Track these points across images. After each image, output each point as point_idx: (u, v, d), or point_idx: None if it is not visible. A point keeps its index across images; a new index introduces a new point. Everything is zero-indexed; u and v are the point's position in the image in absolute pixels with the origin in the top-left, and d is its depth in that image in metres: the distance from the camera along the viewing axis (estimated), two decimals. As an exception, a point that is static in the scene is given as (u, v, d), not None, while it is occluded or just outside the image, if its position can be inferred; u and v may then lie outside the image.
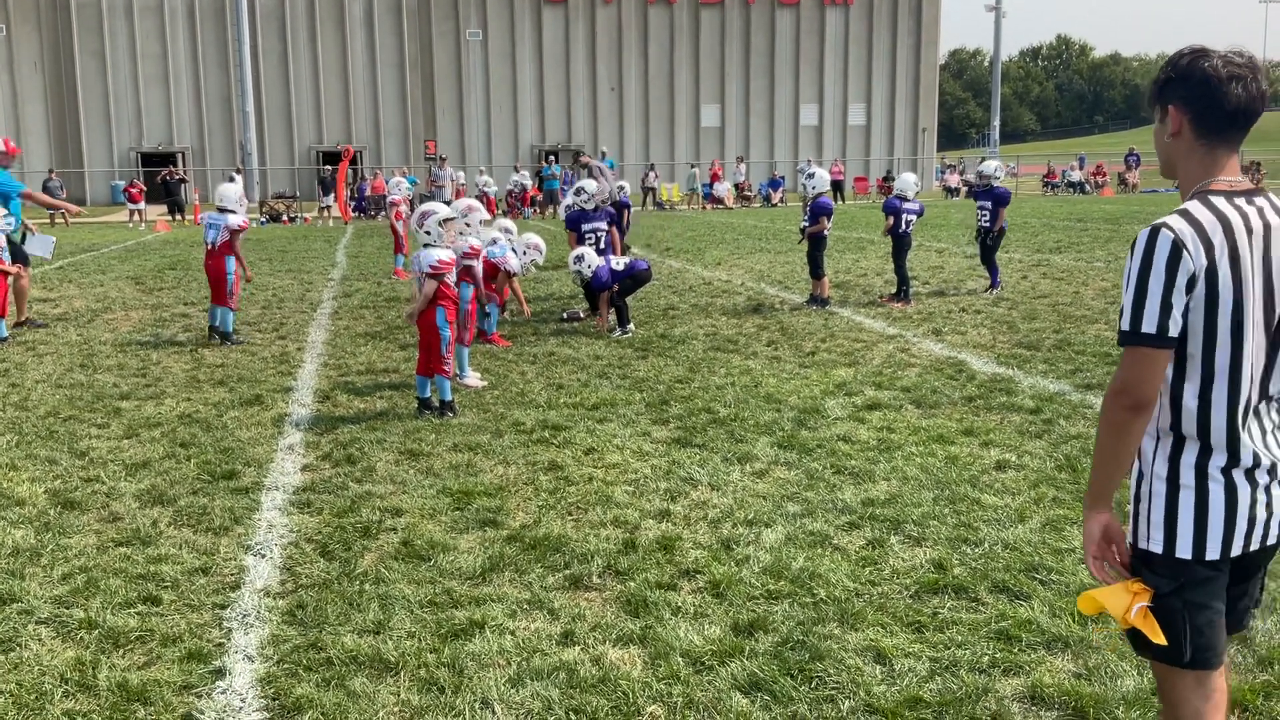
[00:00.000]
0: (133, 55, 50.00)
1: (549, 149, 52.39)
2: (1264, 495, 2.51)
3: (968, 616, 4.37)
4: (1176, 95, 2.51)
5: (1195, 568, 2.50)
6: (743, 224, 30.27)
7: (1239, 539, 2.50)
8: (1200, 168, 2.52)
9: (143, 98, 50.42)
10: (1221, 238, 2.42)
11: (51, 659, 4.09)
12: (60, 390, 8.82)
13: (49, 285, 16.82)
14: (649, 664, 4.02)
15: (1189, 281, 2.40)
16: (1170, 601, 2.51)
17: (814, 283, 13.12)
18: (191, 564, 5.04)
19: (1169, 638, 2.51)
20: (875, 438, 7.04)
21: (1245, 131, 2.51)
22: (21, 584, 4.78)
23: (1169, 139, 2.57)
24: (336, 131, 51.97)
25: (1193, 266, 2.39)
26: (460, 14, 52.77)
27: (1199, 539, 2.49)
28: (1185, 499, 2.50)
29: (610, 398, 8.25)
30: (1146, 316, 2.41)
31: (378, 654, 4.10)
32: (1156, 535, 2.53)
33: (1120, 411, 2.47)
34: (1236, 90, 2.44)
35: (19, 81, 49.35)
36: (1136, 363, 2.44)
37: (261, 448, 7.04)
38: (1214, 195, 2.48)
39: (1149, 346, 2.42)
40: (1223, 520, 2.48)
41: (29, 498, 6.00)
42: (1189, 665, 2.55)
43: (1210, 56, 2.48)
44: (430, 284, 7.62)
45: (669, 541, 5.22)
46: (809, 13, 56.48)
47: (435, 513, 5.71)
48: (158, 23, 50.06)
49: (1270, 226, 2.48)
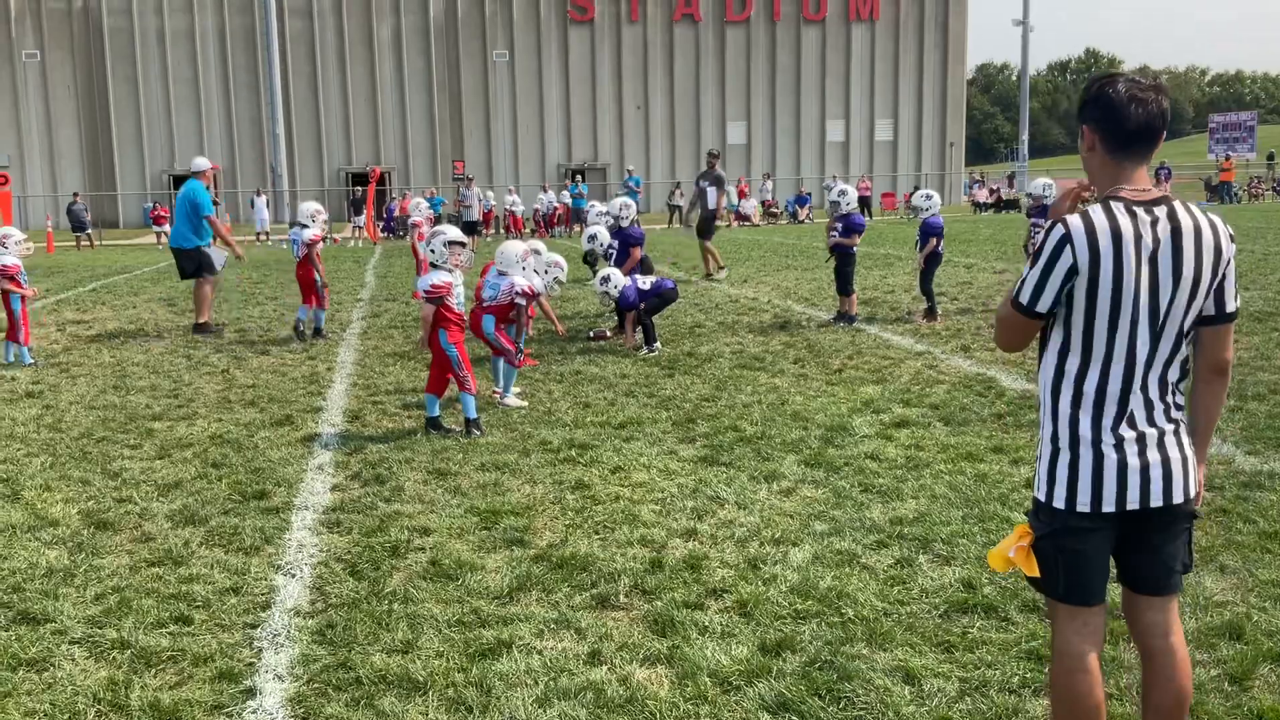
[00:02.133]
0: (165, 79, 50.73)
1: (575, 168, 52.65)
2: (1137, 461, 2.86)
3: (998, 636, 4.34)
4: (1089, 116, 2.89)
5: (1068, 516, 2.91)
6: (769, 241, 30.27)
7: (1109, 496, 2.87)
8: (1110, 179, 2.88)
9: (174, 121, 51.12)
10: (1109, 243, 2.77)
11: (84, 679, 4.13)
12: (94, 411, 8.93)
13: (82, 307, 17.04)
14: (676, 684, 4.02)
15: (1068, 270, 2.79)
16: (1045, 544, 2.97)
17: (842, 299, 13.09)
18: (223, 584, 5.09)
19: (1045, 573, 2.98)
20: (903, 456, 7.01)
21: (1150, 146, 2.86)
22: (55, 604, 4.83)
23: (1086, 153, 2.94)
24: (365, 153, 52.46)
25: (1073, 259, 2.78)
26: (487, 35, 53.24)
27: (1071, 492, 2.90)
28: (1064, 457, 2.91)
29: (637, 416, 8.27)
30: (1025, 289, 2.88)
31: (406, 674, 4.12)
32: (1042, 486, 2.97)
33: (999, 334, 3.05)
34: (1137, 112, 2.79)
35: (53, 105, 50.16)
36: (1011, 321, 2.95)
37: (292, 468, 7.09)
38: (1115, 201, 2.83)
39: (1020, 314, 2.90)
40: (1091, 478, 2.87)
41: (62, 518, 6.07)
42: (1064, 599, 2.99)
43: (1116, 82, 2.83)
44: (427, 308, 7.68)
45: (696, 560, 5.21)
46: (835, 29, 56.59)
47: (463, 532, 5.73)
48: (189, 48, 50.78)
49: (1159, 238, 2.81)
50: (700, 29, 55.43)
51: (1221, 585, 4.80)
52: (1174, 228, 2.80)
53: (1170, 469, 2.88)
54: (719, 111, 56.15)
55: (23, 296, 11.30)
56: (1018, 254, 22.51)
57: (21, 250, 11.51)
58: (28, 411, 8.95)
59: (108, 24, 49.91)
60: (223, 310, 15.95)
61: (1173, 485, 2.89)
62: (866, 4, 56.60)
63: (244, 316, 15.32)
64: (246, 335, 13.39)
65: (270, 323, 14.54)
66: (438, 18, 52.72)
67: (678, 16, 55.06)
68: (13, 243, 11.42)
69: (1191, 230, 2.82)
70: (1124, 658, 4.07)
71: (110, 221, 48.76)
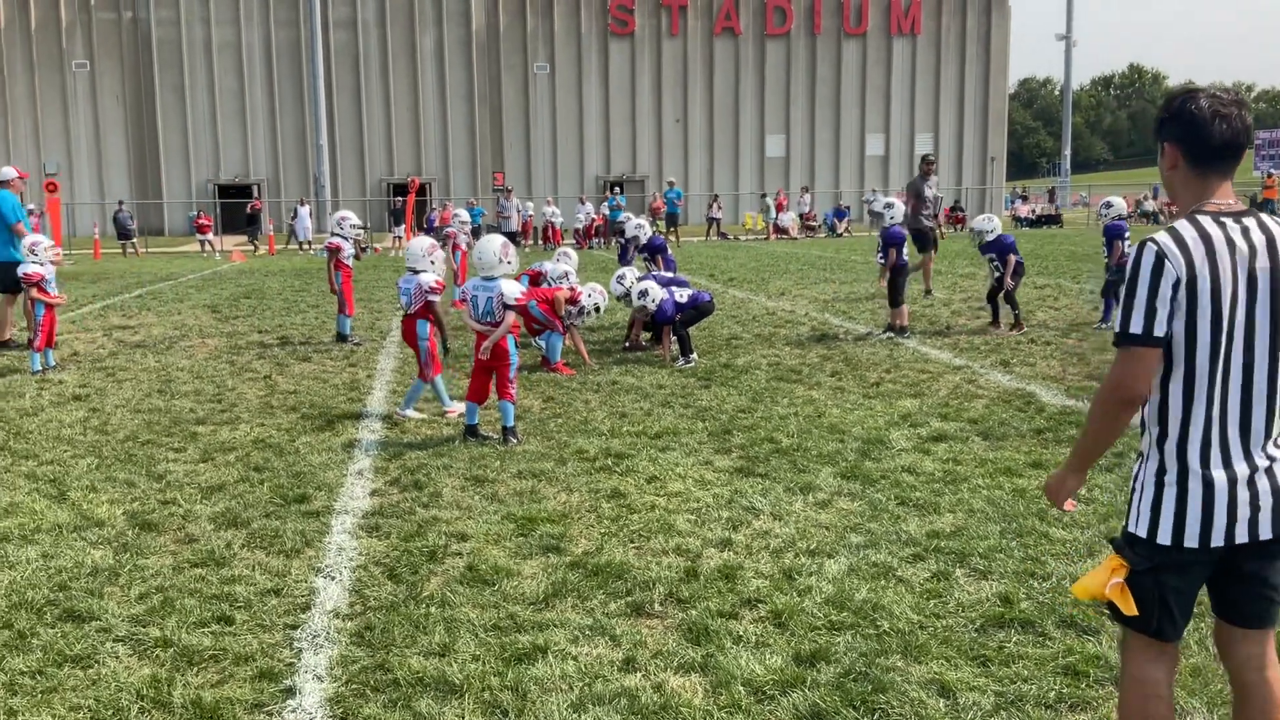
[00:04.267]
0: (211, 90, 51.45)
1: (614, 180, 52.82)
2: (1246, 493, 2.78)
3: (1034, 651, 4.32)
4: (1171, 133, 2.85)
5: (1173, 553, 2.82)
6: (807, 254, 30.21)
7: (1218, 531, 2.78)
8: (1194, 194, 2.84)
9: (220, 131, 51.82)
10: (1202, 252, 2.71)
11: (128, 676, 4.21)
12: (139, 415, 9.08)
13: (128, 313, 17.31)
14: (710, 692, 4.03)
15: (1174, 285, 2.70)
16: (1144, 579, 2.86)
17: (892, 312, 13.09)
18: (264, 585, 5.16)
19: (1141, 609, 2.86)
20: (941, 470, 6.98)
21: (1235, 160, 2.83)
22: (100, 603, 4.92)
23: (1169, 171, 2.89)
24: (407, 164, 52.91)
25: (1175, 274, 2.70)
26: (528, 48, 53.57)
27: (1178, 527, 2.80)
28: (1169, 492, 2.81)
29: (673, 427, 8.29)
30: (1134, 319, 2.74)
31: (443, 676, 4.16)
32: (1143, 521, 2.86)
33: (1113, 405, 2.81)
34: (1221, 127, 2.76)
35: (101, 114, 51.01)
36: (1127, 360, 2.77)
37: (332, 472, 7.17)
38: (1202, 215, 2.78)
39: (1136, 345, 2.75)
40: (1200, 512, 2.78)
41: (108, 519, 6.18)
42: (1152, 635, 2.90)
43: (1199, 97, 2.80)
44: (510, 316, 7.77)
45: (731, 570, 5.22)
46: (876, 43, 56.45)
47: (500, 538, 5.78)
48: (235, 59, 51.49)
49: (1254, 245, 2.76)
50: (740, 42, 55.47)
51: None
52: (1268, 237, 2.77)
53: (1261, 498, 2.80)
54: (758, 124, 56.13)
55: (48, 304, 11.41)
56: (1059, 268, 22.33)
57: (52, 258, 11.66)
58: (75, 414, 9.11)
59: (156, 35, 50.72)
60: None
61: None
62: (908, 18, 56.41)
63: (286, 324, 15.49)
64: (290, 340, 13.55)
65: (312, 330, 14.70)
66: (480, 30, 53.14)
67: (718, 30, 55.15)
68: (42, 249, 11.59)
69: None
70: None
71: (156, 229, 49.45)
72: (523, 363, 10.40)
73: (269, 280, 23.85)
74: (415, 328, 8.89)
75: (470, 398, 8.03)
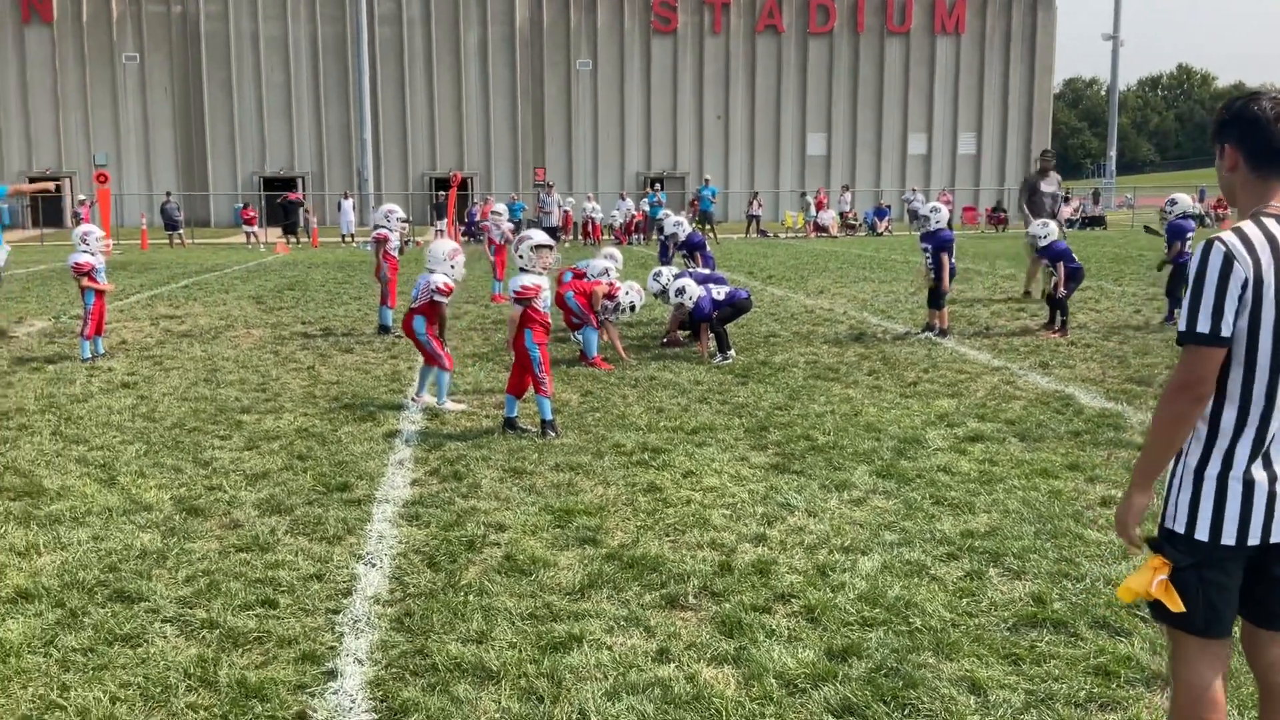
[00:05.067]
0: (257, 83, 52.08)
1: (654, 176, 52.88)
2: None
3: (1066, 651, 4.34)
4: (1231, 135, 2.85)
5: (1212, 549, 2.82)
6: (847, 253, 30.13)
7: (1255, 530, 2.79)
8: (1256, 197, 2.83)
9: (266, 124, 52.42)
10: (1269, 253, 2.71)
11: (176, 655, 4.33)
12: (186, 403, 9.26)
13: (175, 303, 17.60)
14: (742, 684, 4.09)
15: (1243, 284, 2.70)
16: (1188, 576, 2.85)
17: (931, 312, 13.07)
18: (307, 570, 5.27)
19: (1186, 607, 2.85)
20: (976, 470, 6.99)
21: None
22: (149, 585, 5.06)
23: (1228, 173, 2.90)
24: (449, 158, 53.27)
25: (1244, 274, 2.70)
26: (571, 44, 53.76)
27: (1216, 524, 2.80)
28: (1208, 487, 2.81)
29: (710, 423, 8.35)
30: (1201, 317, 2.73)
31: (480, 662, 4.25)
32: (1181, 517, 2.86)
33: (1181, 404, 2.78)
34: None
35: (150, 106, 51.77)
36: (1194, 359, 2.75)
37: (373, 462, 7.30)
38: (1266, 217, 2.78)
39: (1203, 345, 2.73)
40: (1239, 508, 2.79)
41: (156, 504, 6.33)
42: (1200, 633, 2.88)
43: (1260, 99, 2.80)
44: (515, 308, 7.86)
45: (765, 565, 5.28)
46: (919, 41, 56.11)
47: (537, 529, 5.86)
48: (282, 53, 52.08)
49: None
50: (783, 40, 55.34)
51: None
52: None
53: None
54: (799, 122, 55.99)
55: (98, 292, 11.64)
56: (1101, 271, 22.12)
57: (101, 248, 11.89)
58: (123, 401, 9.31)
59: (205, 28, 51.39)
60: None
61: None
62: (952, 16, 56.02)
63: (329, 316, 15.69)
64: (332, 332, 13.73)
65: (354, 322, 14.89)
66: (523, 27, 53.38)
67: (760, 28, 55.04)
68: (93, 239, 11.82)
69: None
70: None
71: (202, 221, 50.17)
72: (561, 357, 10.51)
73: (312, 272, 24.13)
74: (413, 322, 9.01)
75: (509, 391, 8.13)
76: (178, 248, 36.14)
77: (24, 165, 51.13)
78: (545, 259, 8.06)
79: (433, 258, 9.11)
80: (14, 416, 8.69)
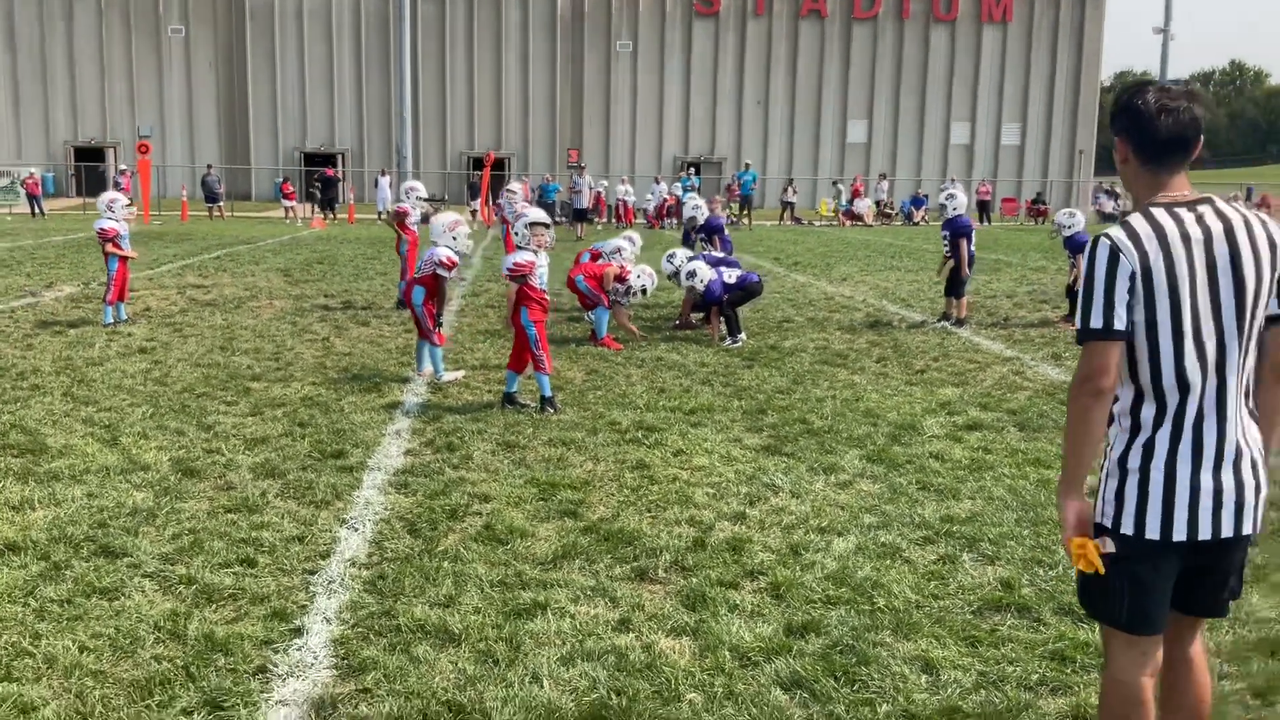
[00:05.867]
0: (300, 58, 52.44)
1: (691, 161, 52.77)
2: (1210, 485, 2.74)
3: (1026, 635, 4.36)
4: (1120, 127, 2.84)
5: (1137, 543, 2.79)
6: (879, 241, 29.95)
7: (1179, 526, 2.75)
8: (1147, 189, 2.83)
9: (308, 99, 52.81)
10: (1156, 244, 2.70)
11: (150, 609, 4.45)
12: (199, 369, 9.42)
13: (204, 273, 17.84)
14: (697, 655, 4.14)
15: (1130, 277, 2.69)
16: (1112, 571, 2.81)
17: (949, 300, 13.02)
18: (290, 532, 5.38)
19: (1109, 602, 2.86)
20: (969, 457, 6.98)
21: (1185, 154, 2.79)
22: (135, 541, 5.18)
23: (1120, 165, 2.89)
24: (487, 138, 53.42)
25: (1130, 267, 2.69)
26: (612, 25, 53.64)
27: (1139, 519, 2.78)
28: (1132, 481, 2.79)
29: (709, 403, 8.38)
30: (1094, 313, 2.72)
31: (444, 625, 4.33)
32: (1108, 511, 2.83)
33: (1083, 399, 2.75)
34: (1166, 121, 2.73)
35: (194, 80, 52.30)
36: (1090, 354, 2.74)
37: (371, 431, 7.40)
38: (1155, 208, 2.77)
39: (1098, 340, 2.72)
40: (1161, 504, 2.75)
41: (154, 464, 6.48)
42: (1125, 629, 2.88)
43: (1146, 92, 2.77)
44: (511, 286, 7.93)
45: (739, 543, 5.32)
46: (965, 30, 55.46)
47: (521, 501, 5.94)
48: (325, 28, 52.38)
49: (1211, 232, 2.73)
50: (826, 25, 54.88)
51: (1270, 603, 4.71)
52: (1225, 225, 2.72)
53: (1243, 497, 2.76)
54: (840, 109, 55.54)
55: (122, 259, 11.83)
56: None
57: (126, 215, 12.08)
58: (138, 365, 9.49)
59: (249, 2, 51.81)
60: None
61: (1244, 515, 2.78)
62: (999, 6, 55.30)
63: (352, 289, 15.85)
64: (353, 305, 13.88)
65: (375, 296, 15.04)
66: (564, 8, 53.34)
67: (804, 12, 54.62)
68: (119, 206, 12.02)
69: (1242, 224, 2.74)
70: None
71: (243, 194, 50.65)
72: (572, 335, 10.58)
73: (343, 247, 24.35)
74: (413, 292, 9.11)
75: (510, 367, 8.21)
76: (216, 220, 36.55)
77: (69, 135, 51.89)
78: (541, 237, 8.12)
79: (434, 231, 9.20)
80: (29, 377, 8.89)
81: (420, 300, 9.07)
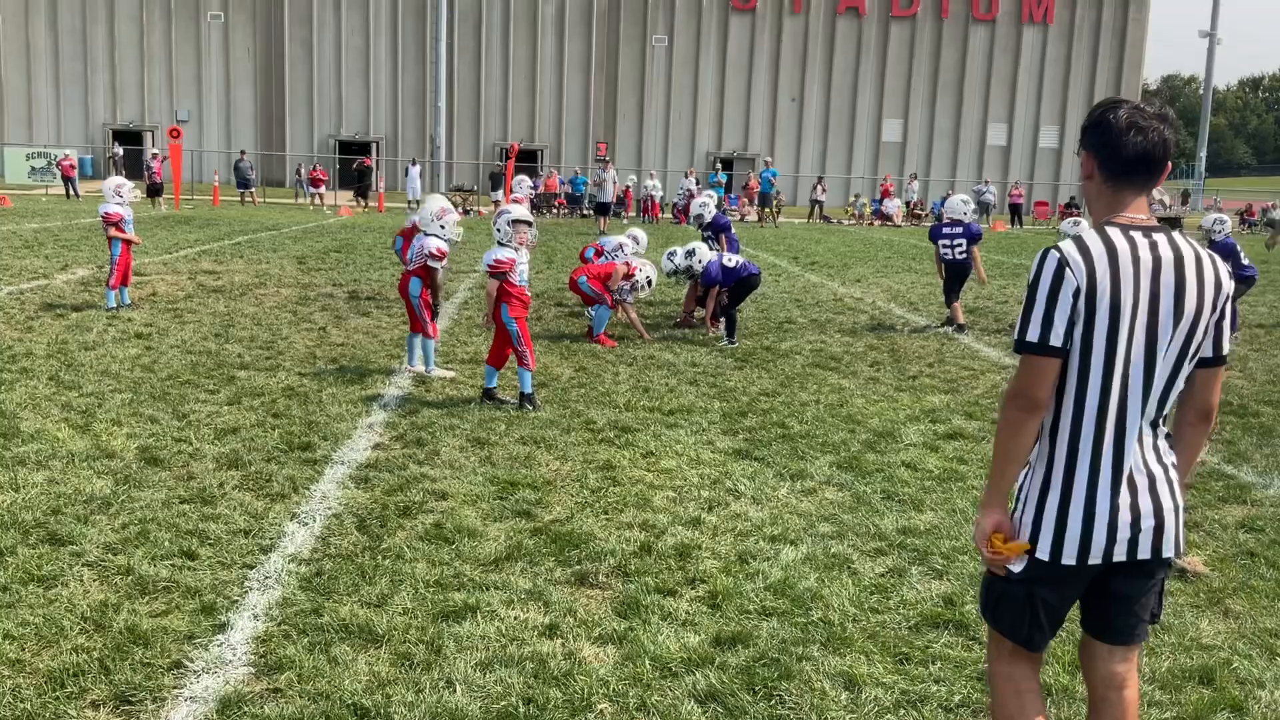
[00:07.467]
0: (337, 47, 52.76)
1: (724, 157, 52.59)
2: (1127, 510, 2.71)
3: (958, 654, 4.28)
4: (1088, 142, 2.77)
5: (1051, 568, 2.75)
6: (903, 242, 29.68)
7: (1097, 549, 2.72)
8: (1107, 206, 2.76)
9: (343, 87, 53.12)
10: (1105, 263, 2.64)
11: (83, 599, 4.46)
12: (189, 356, 9.47)
13: (220, 259, 17.97)
14: (619, 664, 4.10)
15: (1074, 293, 2.63)
16: (1018, 590, 2.80)
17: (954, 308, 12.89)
18: (239, 525, 5.38)
19: (1014, 619, 2.84)
20: (942, 467, 6.88)
21: (1150, 176, 2.71)
22: (83, 529, 5.20)
23: (1084, 180, 2.83)
24: (521, 129, 53.51)
25: (1075, 283, 2.63)
26: (648, 19, 53.54)
27: (1057, 544, 2.73)
28: (1051, 502, 2.74)
29: (689, 405, 8.32)
30: (1031, 327, 2.68)
31: (369, 626, 4.31)
32: (1024, 534, 2.78)
33: (1014, 412, 2.71)
34: (1135, 139, 2.66)
35: (232, 66, 52.76)
36: (1025, 368, 2.70)
37: (344, 424, 7.40)
38: (1111, 227, 2.70)
39: (1034, 354, 2.68)
40: (1080, 528, 2.71)
41: (120, 451, 6.51)
42: (1024, 645, 2.87)
43: (1119, 108, 2.70)
44: (491, 282, 7.89)
45: (687, 549, 5.26)
46: (1005, 30, 54.88)
47: (477, 499, 5.91)
48: (362, 17, 52.65)
49: (1161, 260, 2.67)
50: (864, 23, 54.50)
51: (1217, 629, 4.61)
52: (1176, 255, 2.67)
53: (1163, 520, 2.74)
54: (875, 108, 55.15)
55: (125, 243, 11.91)
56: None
57: (130, 198, 12.16)
58: (129, 351, 9.55)
59: (288, -9, 52.19)
60: None
61: (1163, 538, 2.75)
62: (1040, 6, 54.67)
63: (362, 279, 15.91)
64: (358, 295, 13.93)
65: (383, 286, 15.08)
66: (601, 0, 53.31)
67: (842, 9, 54.26)
68: (126, 190, 12.10)
69: (1193, 258, 2.69)
70: (1076, 689, 3.96)
71: (277, 181, 51.06)
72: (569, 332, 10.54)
73: (365, 236, 24.46)
74: (409, 284, 9.09)
75: (489, 362, 8.19)
76: (248, 205, 36.84)
77: (108, 118, 52.51)
78: (522, 234, 8.08)
79: (422, 219, 9.18)
80: (20, 360, 8.97)
81: (417, 292, 9.07)
